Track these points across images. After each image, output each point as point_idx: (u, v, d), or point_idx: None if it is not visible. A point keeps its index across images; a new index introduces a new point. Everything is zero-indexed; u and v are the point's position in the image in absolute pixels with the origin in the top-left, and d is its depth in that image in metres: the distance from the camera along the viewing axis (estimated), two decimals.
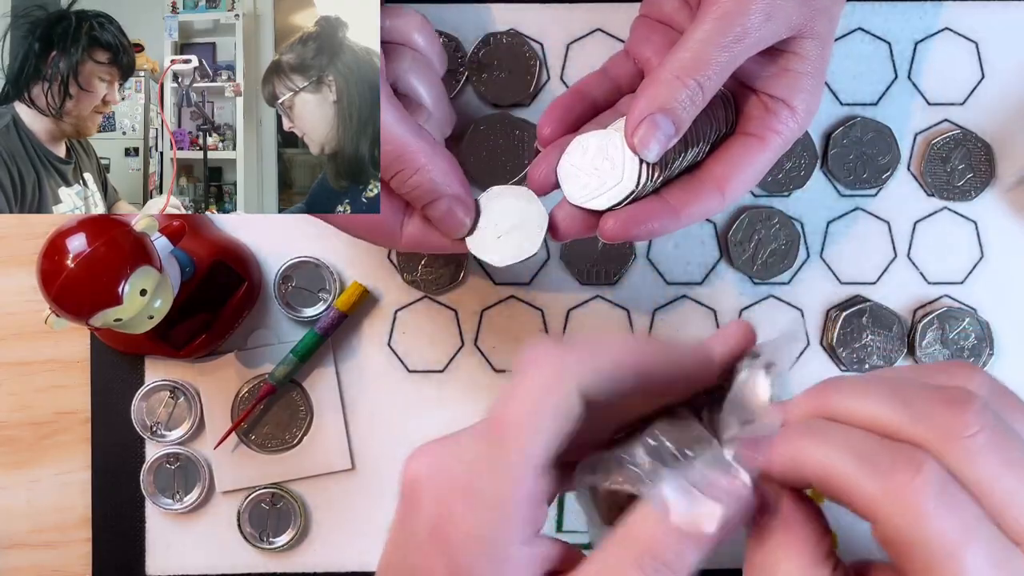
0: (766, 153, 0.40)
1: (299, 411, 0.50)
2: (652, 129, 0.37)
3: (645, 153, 0.37)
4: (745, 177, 0.40)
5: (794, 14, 0.38)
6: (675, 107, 0.37)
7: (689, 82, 0.37)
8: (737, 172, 0.40)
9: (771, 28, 0.37)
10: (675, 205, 0.40)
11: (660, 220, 0.40)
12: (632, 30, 0.45)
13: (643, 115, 0.37)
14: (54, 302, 0.39)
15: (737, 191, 0.40)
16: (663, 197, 0.40)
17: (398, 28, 0.41)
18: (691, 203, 0.40)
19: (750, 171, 0.40)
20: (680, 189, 0.40)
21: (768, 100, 0.40)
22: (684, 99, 0.37)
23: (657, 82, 0.37)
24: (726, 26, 0.36)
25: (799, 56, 0.39)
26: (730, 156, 0.40)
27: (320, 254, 0.50)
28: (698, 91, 0.37)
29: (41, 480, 0.51)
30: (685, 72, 0.37)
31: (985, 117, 0.51)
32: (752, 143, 0.40)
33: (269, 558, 0.50)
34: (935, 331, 0.50)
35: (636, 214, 0.40)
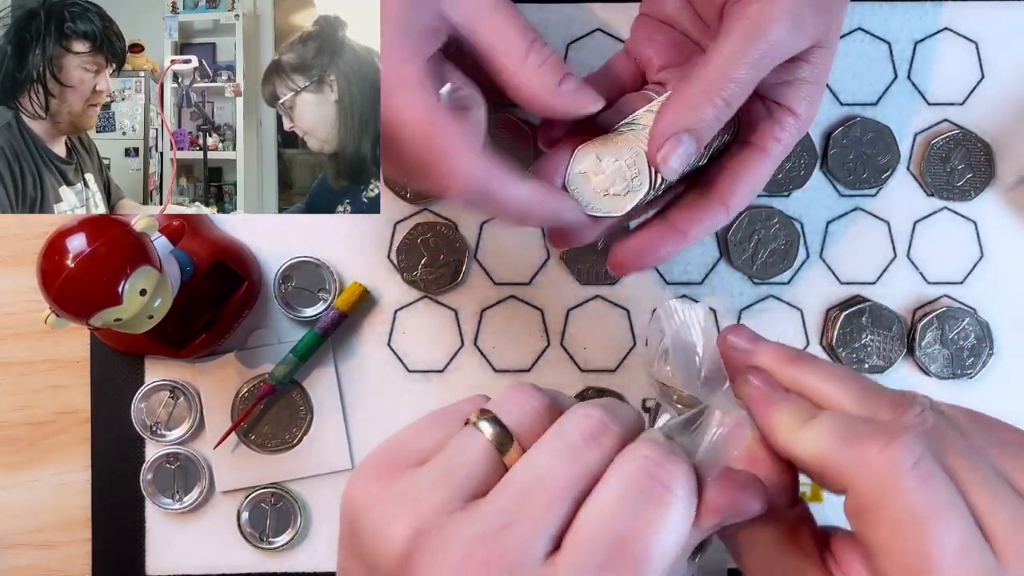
0: (768, 163, 0.40)
1: (299, 411, 0.50)
2: (676, 147, 0.37)
3: (666, 171, 0.37)
4: (748, 190, 0.40)
5: (816, 25, 0.38)
6: (700, 126, 0.37)
7: (716, 100, 0.36)
8: (740, 186, 0.40)
9: (795, 40, 0.37)
10: (682, 228, 0.40)
11: (669, 246, 0.40)
12: (633, 30, 0.44)
13: (668, 133, 0.37)
14: (54, 302, 0.39)
15: (741, 204, 0.41)
16: (669, 220, 0.40)
17: None
18: (698, 223, 0.40)
19: (753, 183, 0.40)
20: (685, 209, 0.40)
21: (773, 107, 0.40)
22: (710, 117, 0.37)
23: (684, 99, 0.37)
24: (753, 42, 0.36)
25: (810, 64, 0.39)
26: (733, 169, 0.40)
27: (320, 254, 0.50)
28: (724, 108, 0.37)
29: (41, 480, 0.51)
30: (713, 89, 0.36)
31: (985, 117, 0.51)
32: (755, 155, 0.40)
33: (269, 558, 0.50)
34: (935, 331, 0.50)
35: (645, 245, 0.40)
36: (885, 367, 0.50)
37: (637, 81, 0.43)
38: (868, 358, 0.50)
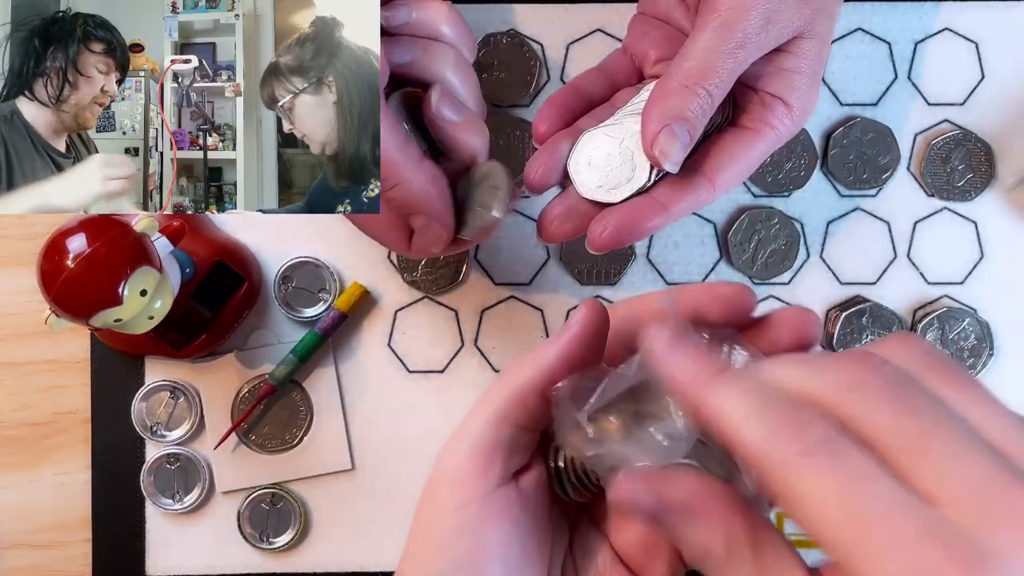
0: (759, 145, 0.40)
1: (299, 411, 0.50)
2: (671, 139, 0.37)
3: (665, 162, 0.37)
4: (736, 168, 0.40)
5: (795, 16, 0.38)
6: (689, 116, 0.37)
7: (699, 91, 0.37)
8: (728, 163, 0.40)
9: (773, 32, 0.37)
10: (664, 202, 0.39)
11: (650, 220, 0.39)
12: (629, 27, 0.45)
13: (660, 125, 0.37)
14: (54, 302, 0.39)
15: (728, 182, 0.40)
16: (652, 194, 0.40)
17: (426, 21, 0.40)
18: (681, 198, 0.39)
19: (741, 162, 0.40)
20: (669, 186, 0.40)
21: (766, 97, 0.40)
22: (696, 108, 0.37)
23: (667, 91, 0.37)
24: (726, 33, 0.37)
25: (797, 55, 0.39)
26: (722, 147, 0.40)
27: (320, 254, 0.50)
28: (708, 99, 0.37)
29: (41, 480, 0.51)
30: (693, 81, 0.37)
31: (985, 117, 0.51)
32: (745, 135, 0.40)
33: (269, 558, 0.50)
34: (935, 331, 0.50)
35: (626, 220, 0.39)
36: None
37: (633, 77, 0.44)
38: None
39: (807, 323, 0.32)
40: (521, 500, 0.32)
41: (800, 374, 0.25)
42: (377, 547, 0.50)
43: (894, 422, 0.23)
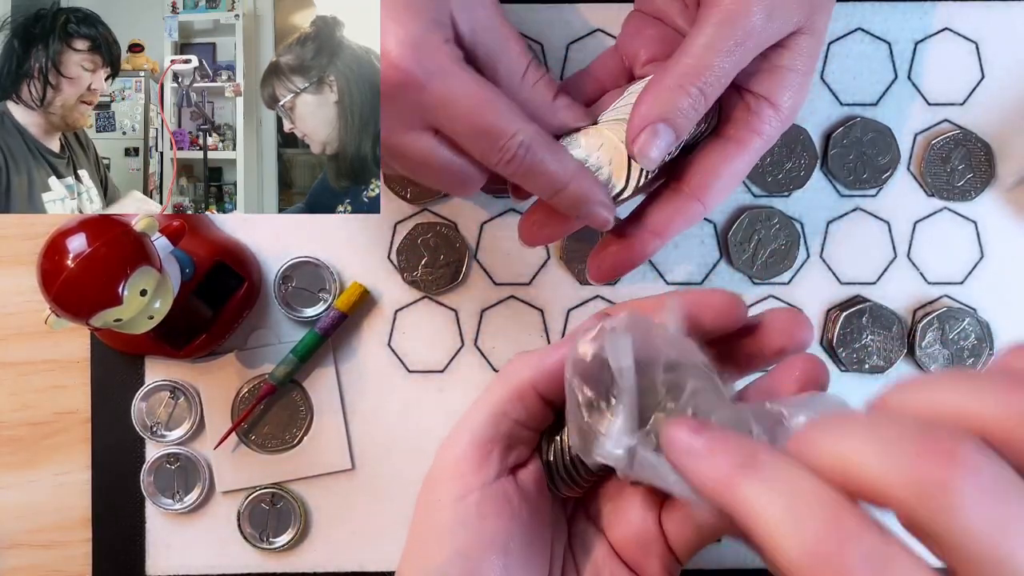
0: (744, 157, 0.39)
1: (299, 411, 0.50)
2: (652, 138, 0.36)
3: (644, 161, 0.37)
4: (724, 184, 0.40)
5: (796, 11, 0.37)
6: (676, 115, 0.36)
7: (691, 90, 0.36)
8: (715, 180, 0.39)
9: (774, 28, 0.37)
10: (658, 231, 0.40)
11: (647, 250, 0.40)
12: (624, 25, 0.44)
13: (644, 123, 0.37)
14: (54, 302, 0.39)
15: (717, 198, 0.40)
16: (644, 223, 0.40)
17: None
18: (672, 223, 0.40)
19: (728, 177, 0.40)
20: (659, 211, 0.40)
21: (751, 98, 0.39)
22: (686, 107, 0.36)
23: (659, 89, 0.37)
24: (728, 30, 0.36)
25: (792, 52, 0.39)
26: (708, 163, 0.40)
27: (320, 254, 0.50)
28: (700, 98, 0.36)
29: (41, 480, 0.51)
30: (687, 79, 0.36)
31: (985, 117, 0.51)
32: (730, 148, 0.39)
33: (269, 558, 0.50)
34: (935, 331, 0.50)
35: (622, 254, 0.40)
36: (885, 367, 0.50)
37: (621, 79, 0.43)
38: (868, 358, 0.50)
39: (798, 325, 0.33)
40: (520, 494, 0.32)
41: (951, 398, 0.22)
42: (377, 547, 0.50)
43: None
